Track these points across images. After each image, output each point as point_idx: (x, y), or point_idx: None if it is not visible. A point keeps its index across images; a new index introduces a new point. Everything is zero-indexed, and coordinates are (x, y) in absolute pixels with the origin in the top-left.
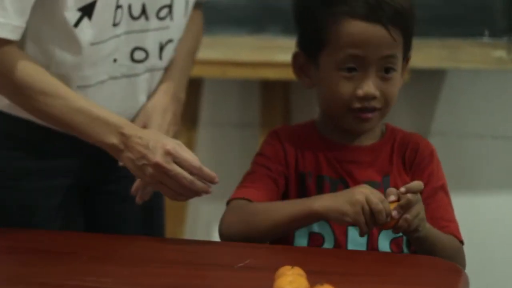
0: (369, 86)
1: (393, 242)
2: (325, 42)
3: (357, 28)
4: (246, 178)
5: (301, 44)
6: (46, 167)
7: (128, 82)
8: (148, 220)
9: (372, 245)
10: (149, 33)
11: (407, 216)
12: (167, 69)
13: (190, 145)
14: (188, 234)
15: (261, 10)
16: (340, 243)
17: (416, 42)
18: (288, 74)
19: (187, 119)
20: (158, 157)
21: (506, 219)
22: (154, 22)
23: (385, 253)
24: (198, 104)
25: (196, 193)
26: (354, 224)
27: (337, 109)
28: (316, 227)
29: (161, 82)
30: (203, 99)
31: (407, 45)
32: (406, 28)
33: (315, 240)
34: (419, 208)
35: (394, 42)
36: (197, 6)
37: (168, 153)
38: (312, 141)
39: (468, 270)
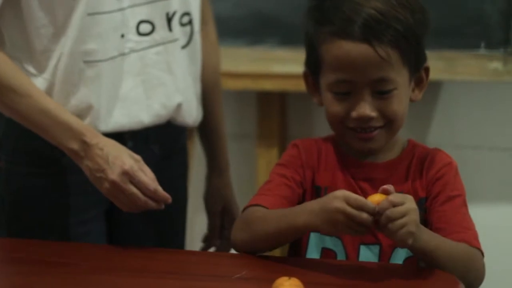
0: (364, 108)
1: (407, 261)
2: (320, 63)
3: (342, 49)
4: (263, 187)
5: (306, 63)
6: (65, 184)
7: (137, 57)
8: (168, 241)
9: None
10: (153, 4)
11: (389, 225)
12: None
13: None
14: (185, 245)
15: (259, 21)
16: (351, 260)
17: None
18: (286, 85)
19: None
20: (115, 176)
21: (503, 230)
22: None
23: (382, 264)
24: None
25: (149, 208)
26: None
27: (335, 128)
28: (328, 243)
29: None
30: None
31: (411, 61)
32: (404, 43)
33: (327, 255)
34: (407, 220)
35: (384, 63)
36: (208, 27)
37: (125, 173)
38: (330, 155)
39: None
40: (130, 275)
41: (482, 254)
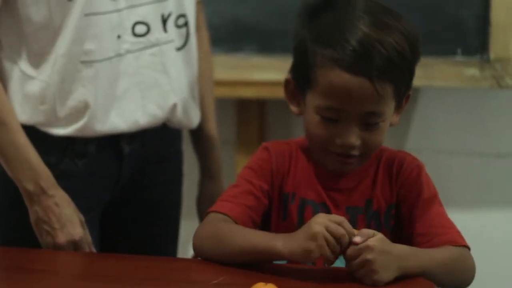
0: (349, 137)
1: None
2: (311, 82)
3: (340, 79)
4: (229, 191)
5: (292, 72)
6: (62, 187)
7: (133, 58)
8: (161, 248)
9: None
10: (148, 6)
11: (352, 263)
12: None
13: None
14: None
15: (237, 29)
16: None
17: None
18: (264, 92)
19: None
20: (63, 242)
21: (480, 236)
22: None
23: None
24: None
25: None
26: (321, 257)
27: (316, 150)
28: None
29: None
30: None
31: (401, 93)
32: (400, 77)
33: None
34: (370, 259)
35: (379, 97)
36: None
37: (73, 243)
38: (301, 162)
39: None
40: (107, 281)
41: (469, 248)
